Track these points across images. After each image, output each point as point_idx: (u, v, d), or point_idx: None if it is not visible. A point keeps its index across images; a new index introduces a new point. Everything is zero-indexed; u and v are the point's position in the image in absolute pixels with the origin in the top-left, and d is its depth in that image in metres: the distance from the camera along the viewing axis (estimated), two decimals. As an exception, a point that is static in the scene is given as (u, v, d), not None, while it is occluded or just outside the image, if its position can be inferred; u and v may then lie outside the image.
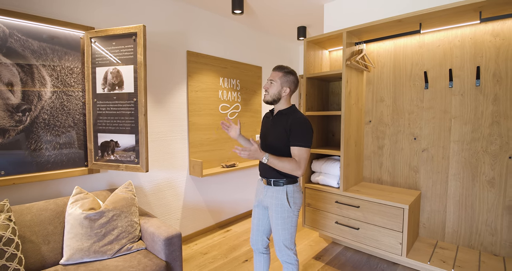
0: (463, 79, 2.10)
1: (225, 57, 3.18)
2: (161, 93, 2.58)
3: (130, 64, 1.89)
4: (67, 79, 2.00)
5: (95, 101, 2.00)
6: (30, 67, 1.86)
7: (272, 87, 1.64)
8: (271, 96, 1.65)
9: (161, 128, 2.59)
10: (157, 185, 2.58)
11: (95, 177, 2.16)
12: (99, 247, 1.67)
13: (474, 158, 2.08)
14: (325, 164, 2.48)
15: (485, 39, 1.99)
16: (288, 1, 2.67)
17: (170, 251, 1.67)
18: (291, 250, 1.68)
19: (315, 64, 2.65)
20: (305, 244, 2.81)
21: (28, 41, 1.86)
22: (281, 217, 1.63)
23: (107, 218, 1.71)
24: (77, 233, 1.67)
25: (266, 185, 1.69)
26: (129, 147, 1.94)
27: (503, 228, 2.00)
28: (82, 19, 2.06)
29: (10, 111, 1.80)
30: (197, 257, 2.52)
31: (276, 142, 1.63)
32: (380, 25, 2.08)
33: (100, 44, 1.99)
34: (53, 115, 1.95)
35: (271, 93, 1.64)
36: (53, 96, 1.95)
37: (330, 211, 2.38)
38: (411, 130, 2.37)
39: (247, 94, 3.48)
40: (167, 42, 2.60)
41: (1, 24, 1.76)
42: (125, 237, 1.75)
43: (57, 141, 1.98)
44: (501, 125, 1.97)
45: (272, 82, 1.64)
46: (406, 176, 2.42)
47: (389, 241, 2.07)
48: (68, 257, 1.65)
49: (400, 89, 2.40)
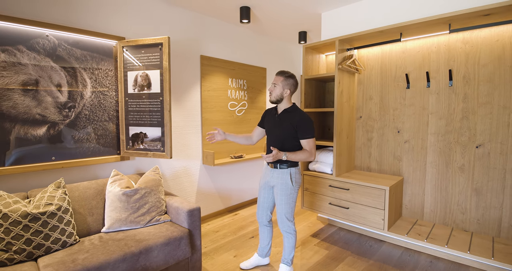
0: (438, 80, 2.44)
1: (234, 60, 3.55)
2: (179, 92, 2.97)
3: (156, 69, 2.27)
4: (103, 81, 2.40)
5: (127, 99, 2.40)
6: (74, 71, 2.26)
7: (275, 90, 2.01)
8: (275, 97, 2.02)
9: (178, 123, 2.98)
10: (176, 172, 2.98)
11: (126, 163, 2.57)
12: (134, 218, 2.07)
13: (448, 148, 2.43)
14: (321, 154, 2.84)
15: (457, 46, 2.33)
16: (290, 11, 3.03)
17: (192, 221, 2.07)
18: (291, 221, 2.07)
19: (313, 67, 3.01)
20: (304, 225, 3.19)
21: (72, 49, 2.25)
22: (285, 193, 2.02)
23: (140, 194, 2.11)
24: (116, 207, 2.07)
25: (273, 168, 2.07)
26: (156, 138, 2.34)
27: (472, 207, 2.35)
28: (114, 30, 2.45)
29: (59, 108, 2.21)
30: (210, 234, 2.92)
31: (285, 134, 2.00)
32: (366, 34, 2.43)
33: (130, 52, 2.38)
34: (92, 111, 2.35)
35: (274, 95, 2.02)
36: (92, 95, 2.34)
37: (324, 194, 2.76)
38: (395, 124, 2.72)
39: (253, 93, 3.86)
40: (184, 48, 2.98)
41: (52, 37, 2.16)
42: (154, 210, 2.15)
43: (96, 132, 2.38)
44: (470, 120, 2.31)
45: (275, 85, 2.01)
46: (391, 164, 2.77)
47: (374, 217, 2.43)
48: (109, 226, 2.05)
49: (386, 89, 2.76)
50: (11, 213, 1.67)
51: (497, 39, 2.15)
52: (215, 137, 2.19)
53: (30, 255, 1.69)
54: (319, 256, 2.52)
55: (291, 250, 2.12)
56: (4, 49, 1.96)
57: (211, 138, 2.19)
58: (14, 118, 2.01)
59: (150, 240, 1.86)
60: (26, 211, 1.70)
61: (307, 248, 2.65)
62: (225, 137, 2.20)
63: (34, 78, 2.08)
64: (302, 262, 2.41)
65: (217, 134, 2.18)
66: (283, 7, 2.91)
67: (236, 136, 2.27)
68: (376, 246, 2.71)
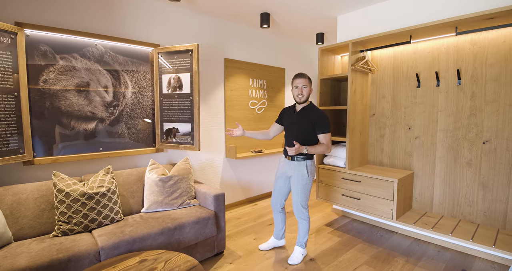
0: (447, 79, 2.58)
1: (254, 61, 3.83)
2: (205, 92, 3.29)
3: (187, 72, 2.59)
4: (141, 83, 2.76)
5: (161, 99, 2.74)
6: (118, 74, 2.62)
7: (306, 91, 2.23)
8: (306, 97, 2.25)
9: (205, 120, 3.30)
10: (202, 164, 3.31)
11: (159, 155, 2.92)
12: (168, 201, 2.41)
13: (456, 144, 2.57)
14: (335, 149, 3.06)
15: (465, 47, 2.46)
16: (308, 15, 3.25)
17: (217, 204, 2.37)
18: (305, 209, 2.32)
19: (328, 67, 3.22)
20: (319, 215, 3.42)
21: (116, 56, 2.62)
22: (301, 183, 2.27)
23: (174, 181, 2.44)
24: (154, 191, 2.41)
25: (290, 160, 2.32)
26: (186, 132, 2.67)
27: (478, 200, 2.48)
28: (150, 38, 2.80)
29: (106, 106, 2.58)
30: (233, 220, 3.23)
31: (304, 130, 2.24)
32: (378, 37, 2.61)
33: (164, 57, 2.72)
34: (133, 109, 2.72)
35: (306, 95, 2.24)
36: (132, 95, 2.71)
37: (338, 186, 2.97)
38: (406, 121, 2.88)
39: (272, 92, 4.11)
40: (210, 52, 3.29)
41: (100, 45, 2.53)
42: (185, 195, 2.48)
43: (135, 127, 2.74)
44: (477, 117, 2.44)
45: (305, 86, 2.23)
46: (402, 159, 2.94)
47: (383, 208, 2.62)
48: (148, 206, 2.40)
49: (398, 88, 2.92)
50: (72, 192, 2.05)
51: (504, 40, 2.26)
52: (234, 133, 2.42)
53: (86, 227, 2.06)
54: (332, 242, 2.74)
55: (305, 234, 2.37)
56: (63, 57, 2.35)
57: (230, 133, 2.43)
58: (70, 115, 2.41)
59: (183, 218, 2.18)
60: (83, 191, 2.08)
61: (321, 235, 2.88)
62: (243, 133, 2.45)
63: (86, 81, 2.47)
64: (315, 246, 2.65)
65: (236, 130, 2.41)
66: (301, 12, 3.14)
67: (253, 132, 2.52)
68: (387, 236, 2.89)
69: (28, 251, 1.70)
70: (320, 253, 2.53)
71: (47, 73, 2.28)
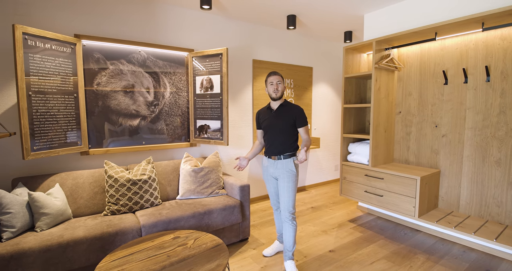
0: (476, 76, 2.53)
1: (281, 61, 3.99)
2: (234, 92, 3.53)
3: (217, 74, 2.85)
4: (178, 84, 3.07)
5: (195, 99, 3.04)
6: (158, 77, 2.96)
7: (281, 86, 2.26)
8: (281, 92, 2.27)
9: (234, 118, 3.55)
10: (230, 159, 3.56)
11: (193, 149, 3.23)
12: (200, 189, 2.68)
13: (484, 142, 2.51)
14: (359, 146, 3.12)
15: (495, 43, 2.40)
16: (334, 15, 3.33)
17: (243, 194, 2.60)
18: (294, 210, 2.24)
19: (354, 66, 3.28)
20: (343, 212, 3.50)
21: (156, 61, 2.96)
22: (291, 180, 2.20)
23: (205, 172, 2.72)
24: (187, 180, 2.71)
25: (276, 160, 2.23)
26: (216, 129, 2.93)
27: (508, 200, 2.41)
28: (185, 43, 3.10)
29: (147, 105, 2.93)
30: (258, 212, 3.44)
31: (287, 126, 2.22)
32: (403, 35, 2.64)
33: (197, 61, 3.00)
34: (170, 108, 3.04)
35: (281, 90, 2.27)
36: (170, 95, 3.03)
37: (361, 182, 3.04)
38: (433, 119, 2.85)
39: (299, 91, 4.24)
40: (239, 54, 3.53)
41: (143, 52, 2.88)
42: (214, 185, 2.74)
43: (172, 124, 3.07)
44: (507, 114, 2.37)
45: (280, 83, 2.26)
46: (428, 157, 2.91)
47: (405, 205, 2.65)
48: (182, 194, 2.70)
49: (425, 85, 2.90)
50: (119, 178, 2.40)
51: (537, 35, 2.18)
52: (242, 165, 2.28)
53: (130, 209, 2.40)
54: (353, 237, 2.83)
55: (294, 242, 2.24)
56: (112, 63, 2.73)
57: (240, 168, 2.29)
58: (118, 112, 2.78)
59: (212, 205, 2.44)
60: (129, 177, 2.42)
61: (342, 230, 2.98)
62: (249, 160, 2.32)
63: (131, 83, 2.83)
64: (336, 240, 2.76)
65: (242, 161, 2.28)
66: (327, 12, 3.24)
67: (253, 152, 2.42)
68: (411, 234, 2.89)
69: (85, 225, 2.07)
70: (340, 246, 2.63)
71: (100, 77, 2.67)
